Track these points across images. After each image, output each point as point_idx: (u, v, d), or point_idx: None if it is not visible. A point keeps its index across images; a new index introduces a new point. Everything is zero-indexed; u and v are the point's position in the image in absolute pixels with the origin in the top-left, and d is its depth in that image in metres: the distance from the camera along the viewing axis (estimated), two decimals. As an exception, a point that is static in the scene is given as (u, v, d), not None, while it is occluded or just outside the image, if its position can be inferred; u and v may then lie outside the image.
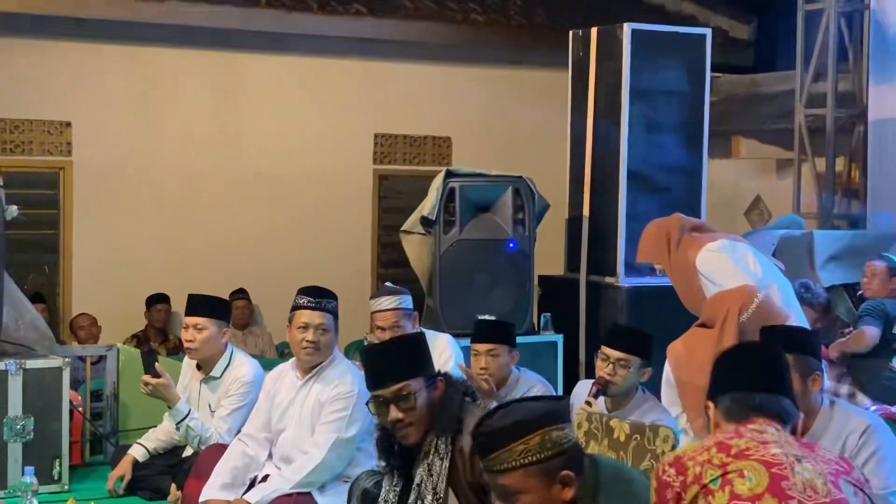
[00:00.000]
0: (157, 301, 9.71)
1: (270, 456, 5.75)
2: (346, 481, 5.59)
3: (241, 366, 6.22)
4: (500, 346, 5.91)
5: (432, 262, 7.66)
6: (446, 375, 4.11)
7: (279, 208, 10.33)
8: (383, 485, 4.20)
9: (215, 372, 6.20)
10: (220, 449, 5.96)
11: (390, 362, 4.05)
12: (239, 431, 5.90)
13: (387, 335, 6.41)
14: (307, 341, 5.48)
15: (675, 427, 5.19)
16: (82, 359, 7.34)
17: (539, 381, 5.92)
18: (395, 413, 4.01)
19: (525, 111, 10.90)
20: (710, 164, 8.37)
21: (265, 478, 5.61)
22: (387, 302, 6.34)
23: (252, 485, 5.59)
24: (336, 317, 5.53)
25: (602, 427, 4.48)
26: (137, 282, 9.70)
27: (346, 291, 6.60)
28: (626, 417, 5.18)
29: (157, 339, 9.69)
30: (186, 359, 6.43)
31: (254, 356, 8.29)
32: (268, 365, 6.39)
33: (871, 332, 7.39)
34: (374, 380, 4.09)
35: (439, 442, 4.00)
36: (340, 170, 10.55)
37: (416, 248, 7.81)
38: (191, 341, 6.18)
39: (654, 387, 5.65)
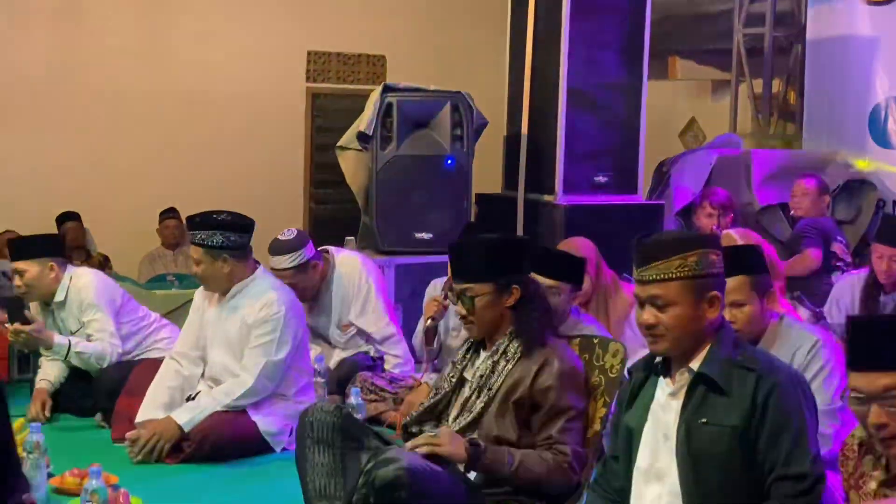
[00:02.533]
0: (66, 219, 9.35)
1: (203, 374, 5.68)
2: (282, 397, 5.54)
3: (79, 279, 6.15)
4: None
5: (368, 179, 7.54)
6: (526, 285, 4.14)
7: (208, 127, 10.12)
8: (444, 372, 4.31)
9: (58, 297, 6.12)
10: (150, 365, 5.87)
11: (464, 261, 4.17)
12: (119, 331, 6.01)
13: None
14: (196, 275, 5.57)
15: (608, 336, 5.11)
16: (8, 276, 7.15)
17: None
18: (459, 307, 4.16)
19: (462, 29, 10.75)
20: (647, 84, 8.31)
21: (196, 396, 5.55)
22: (279, 261, 6.23)
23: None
24: (217, 246, 5.42)
25: None
26: (60, 200, 9.44)
27: (278, 212, 6.53)
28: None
29: (78, 258, 9.41)
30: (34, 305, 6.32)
31: (184, 275, 8.21)
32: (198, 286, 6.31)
33: (815, 254, 7.43)
34: (452, 271, 4.30)
35: (510, 345, 4.07)
36: (272, 88, 10.35)
37: (352, 165, 7.69)
38: (19, 286, 6.12)
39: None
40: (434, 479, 3.73)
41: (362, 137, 7.49)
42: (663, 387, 3.41)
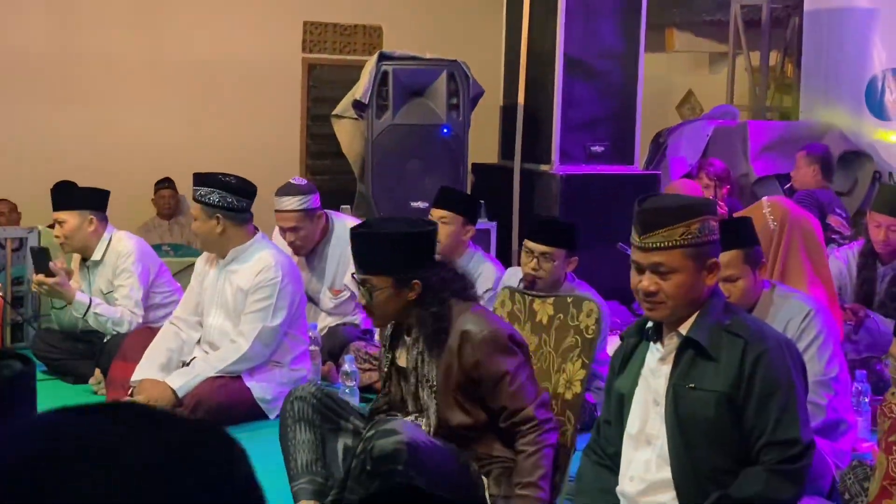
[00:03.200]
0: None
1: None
2: (277, 364, 5.54)
3: (120, 242, 6.13)
4: (451, 214, 5.84)
5: (364, 148, 7.51)
6: (426, 280, 3.95)
7: (205, 97, 10.07)
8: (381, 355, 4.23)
9: (96, 256, 6.12)
10: (146, 332, 5.88)
11: (365, 252, 3.99)
12: (143, 302, 5.95)
13: (287, 236, 6.32)
14: (193, 232, 5.65)
15: (603, 303, 5.13)
16: (2, 245, 7.13)
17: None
18: (360, 297, 4.06)
19: (459, -1, 10.71)
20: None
21: (191, 362, 5.55)
22: (287, 202, 6.22)
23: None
24: (212, 204, 5.42)
25: (525, 309, 4.38)
26: (57, 171, 9.39)
27: (273, 183, 6.48)
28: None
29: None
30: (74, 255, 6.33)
31: (179, 245, 8.20)
32: (194, 255, 6.34)
33: None
34: (354, 260, 4.10)
35: (424, 339, 3.94)
36: (268, 58, 10.29)
37: (348, 133, 7.66)
38: (58, 237, 6.11)
39: (583, 274, 5.61)
40: (433, 454, 3.72)
41: (358, 106, 7.46)
42: (654, 352, 3.41)
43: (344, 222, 6.50)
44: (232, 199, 5.44)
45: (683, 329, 3.33)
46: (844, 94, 8.84)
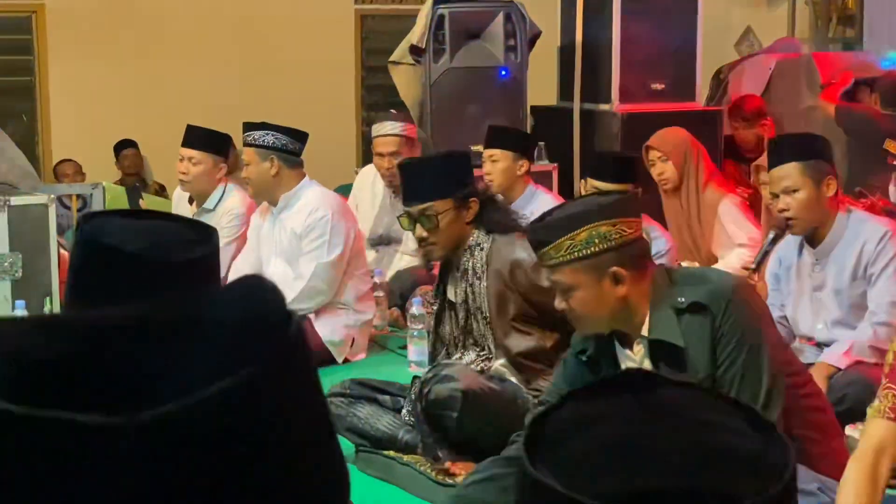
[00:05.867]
0: (124, 146, 9.38)
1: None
2: (342, 306, 5.52)
3: (234, 198, 6.09)
4: (500, 151, 5.85)
5: (422, 93, 7.46)
6: (483, 195, 4.05)
7: (258, 53, 10.04)
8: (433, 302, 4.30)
9: (208, 204, 6.09)
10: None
11: (420, 180, 4.01)
12: (230, 265, 5.83)
13: (385, 162, 6.31)
14: (246, 180, 5.67)
15: (668, 238, 5.19)
16: (67, 206, 7.15)
17: (553, 201, 5.77)
18: (419, 230, 4.05)
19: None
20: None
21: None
22: (389, 127, 6.25)
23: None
24: (267, 146, 5.45)
25: None
26: (116, 129, 9.46)
27: (329, 136, 6.50)
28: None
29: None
30: (178, 191, 6.29)
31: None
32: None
33: None
34: (405, 196, 4.12)
35: (474, 261, 3.97)
36: (320, 11, 10.24)
37: (406, 79, 7.61)
38: (184, 174, 6.05)
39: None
40: (490, 400, 3.72)
41: (415, 51, 7.40)
42: (628, 362, 3.19)
43: None
44: (286, 140, 5.46)
45: (645, 330, 3.13)
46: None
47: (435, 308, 4.20)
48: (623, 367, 3.14)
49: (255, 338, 0.72)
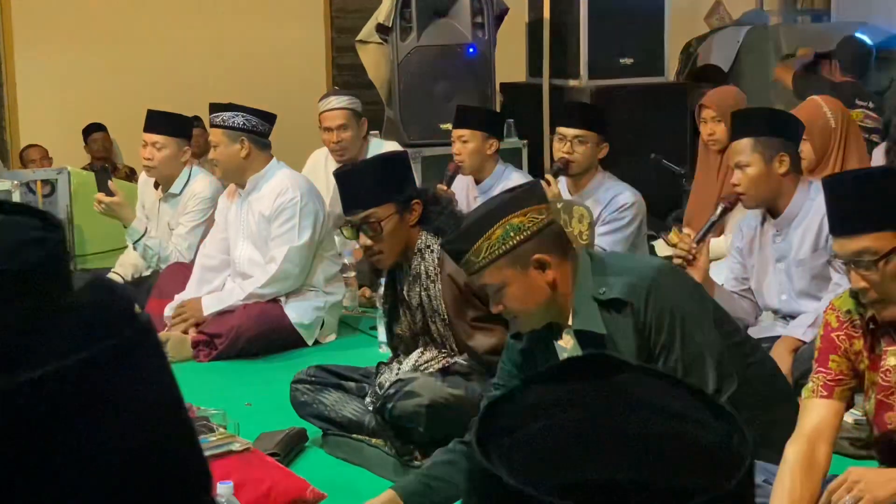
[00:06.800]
0: (93, 130, 9.31)
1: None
2: (312, 289, 5.51)
3: (200, 182, 6.06)
4: (470, 131, 5.86)
5: (390, 72, 7.42)
6: (425, 196, 3.97)
7: (225, 33, 9.97)
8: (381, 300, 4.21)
9: (174, 189, 6.06)
10: (182, 268, 5.86)
11: (358, 188, 3.91)
12: (197, 248, 5.84)
13: (333, 136, 6.30)
14: (214, 161, 5.64)
15: (630, 200, 5.17)
16: (33, 190, 7.11)
17: (523, 178, 5.84)
18: (363, 239, 3.93)
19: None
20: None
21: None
22: (335, 101, 6.23)
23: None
24: (237, 127, 5.44)
25: None
26: (85, 113, 9.39)
27: (300, 117, 6.45)
28: (586, 198, 5.17)
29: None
30: (143, 176, 6.26)
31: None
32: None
33: None
34: (345, 205, 4.01)
35: (426, 263, 3.91)
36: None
37: (374, 58, 7.57)
38: (149, 159, 6.02)
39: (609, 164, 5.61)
40: (454, 409, 3.69)
41: (381, 29, 7.36)
42: (563, 352, 3.18)
43: (381, 143, 6.53)
44: (256, 121, 5.43)
45: (570, 320, 3.14)
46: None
47: (387, 306, 4.13)
48: (559, 357, 3.13)
49: (112, 318, 0.75)
